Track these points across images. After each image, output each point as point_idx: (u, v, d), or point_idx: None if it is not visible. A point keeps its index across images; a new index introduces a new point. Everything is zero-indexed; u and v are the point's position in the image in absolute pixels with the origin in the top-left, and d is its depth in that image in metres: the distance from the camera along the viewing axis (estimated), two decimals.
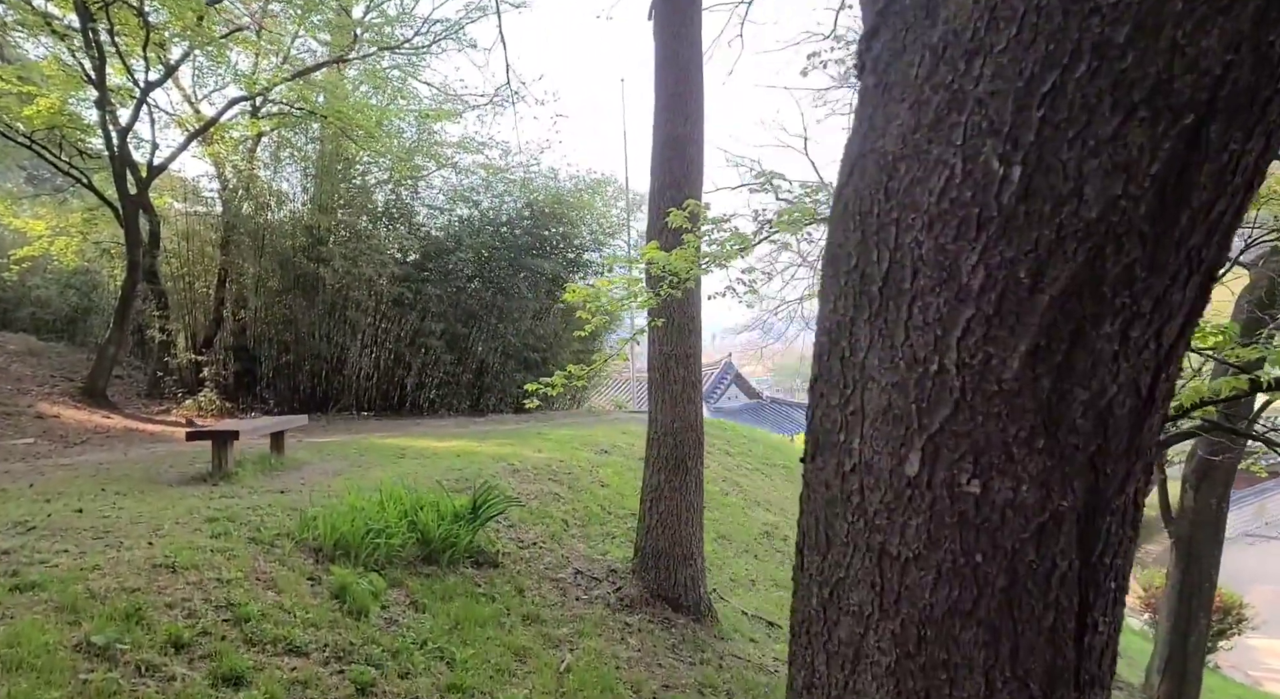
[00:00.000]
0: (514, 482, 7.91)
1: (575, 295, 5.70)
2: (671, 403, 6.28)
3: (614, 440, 11.00)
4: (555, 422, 14.17)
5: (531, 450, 9.45)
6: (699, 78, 6.35)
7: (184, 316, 14.84)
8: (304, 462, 8.38)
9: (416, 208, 15.38)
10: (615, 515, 8.02)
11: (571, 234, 16.02)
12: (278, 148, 15.04)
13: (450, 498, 6.27)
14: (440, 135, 15.56)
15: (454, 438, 10.82)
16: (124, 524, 5.08)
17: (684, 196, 6.29)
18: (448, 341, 14.60)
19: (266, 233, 14.32)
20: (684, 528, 6.23)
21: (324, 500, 6.21)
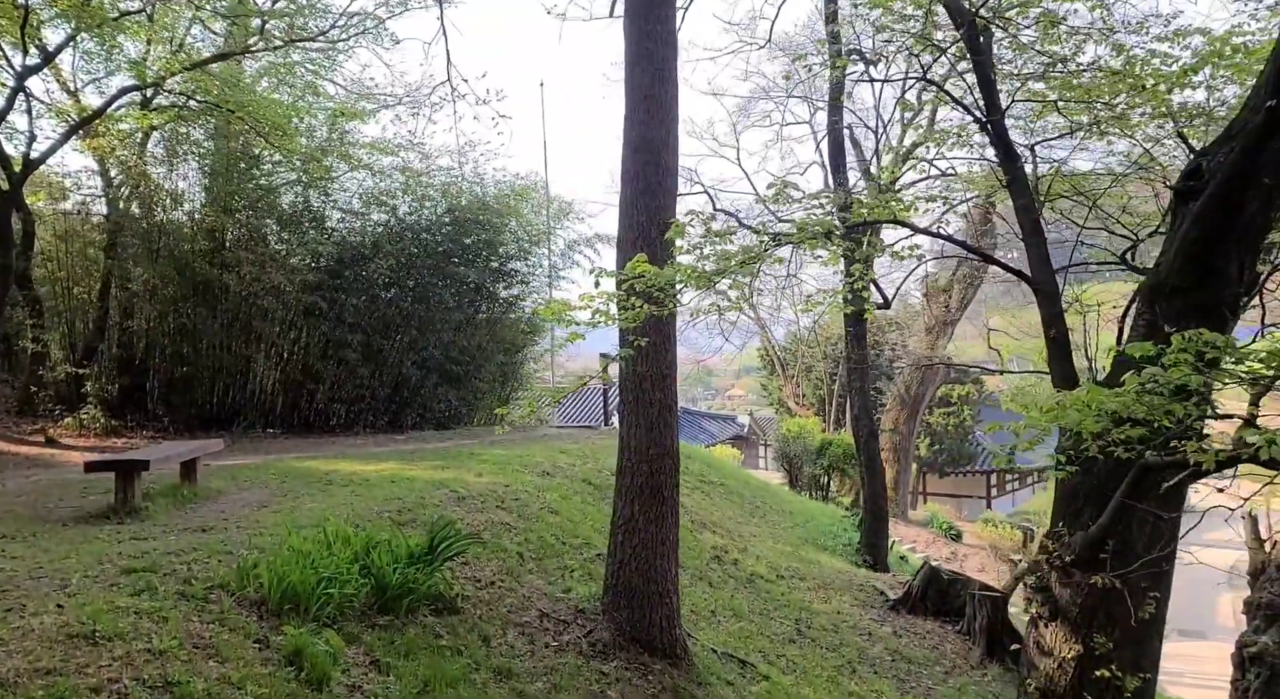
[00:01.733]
0: (460, 511, 7.33)
1: (550, 312, 5.23)
2: (646, 427, 5.88)
3: (554, 461, 10.50)
4: (482, 439, 13.50)
5: (471, 475, 8.86)
6: (674, 78, 6.00)
7: (61, 325, 13.40)
8: (220, 491, 7.53)
9: (329, 212, 14.40)
10: (570, 547, 7.54)
11: (495, 242, 15.38)
12: (172, 143, 13.80)
13: (402, 535, 5.67)
14: (353, 135, 14.67)
15: (381, 460, 10.07)
16: (22, 580, 4.29)
17: (659, 204, 5.94)
18: (364, 354, 13.72)
19: (160, 235, 13.09)
20: (659, 562, 5.83)
21: (256, 540, 5.51)
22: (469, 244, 15.08)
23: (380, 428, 14.11)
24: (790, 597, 8.79)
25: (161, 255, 12.96)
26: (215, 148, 13.62)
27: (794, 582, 9.38)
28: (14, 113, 11.24)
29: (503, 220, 15.33)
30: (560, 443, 12.80)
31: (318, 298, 13.03)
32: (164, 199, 13.61)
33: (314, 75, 12.94)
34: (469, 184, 15.10)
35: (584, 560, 7.35)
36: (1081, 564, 3.85)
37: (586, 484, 9.86)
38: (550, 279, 16.35)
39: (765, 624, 7.83)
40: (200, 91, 11.33)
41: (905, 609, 8.88)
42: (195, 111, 12.65)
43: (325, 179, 13.57)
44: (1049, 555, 4.01)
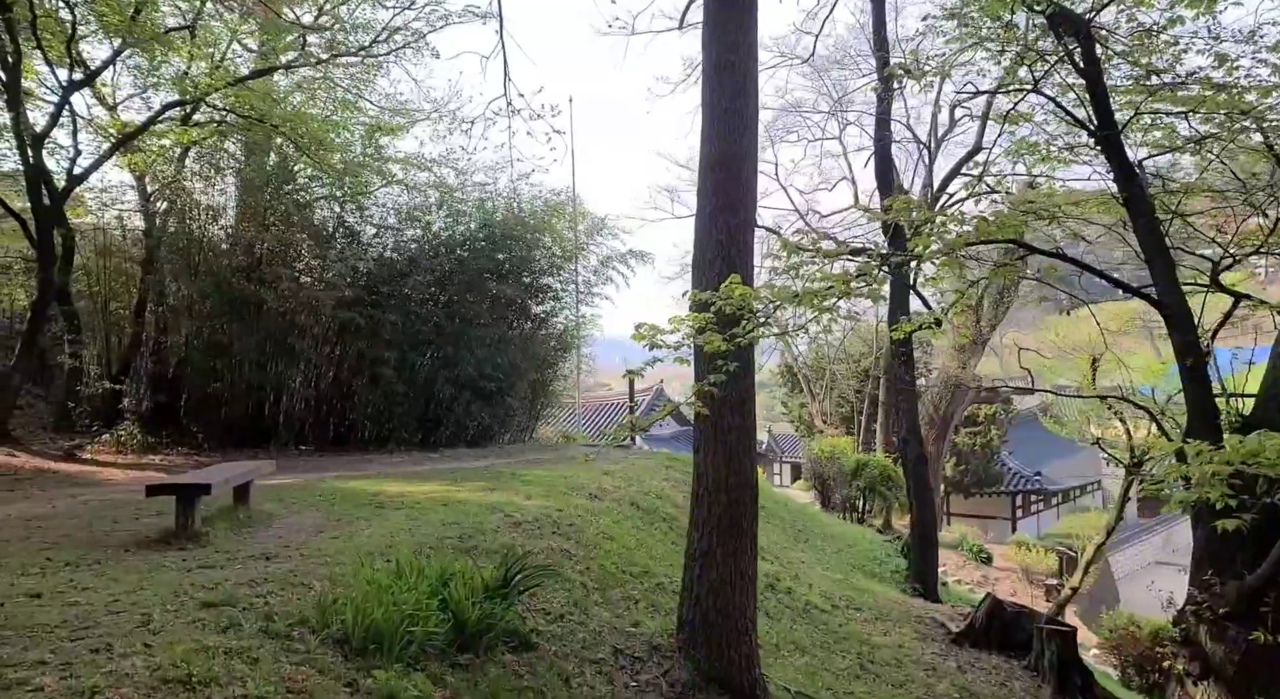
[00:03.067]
0: (519, 537, 7.14)
1: (640, 336, 5.06)
2: (725, 456, 5.68)
3: (599, 483, 10.29)
4: (518, 458, 13.33)
5: (521, 497, 8.67)
6: (755, 91, 5.85)
7: (98, 341, 13.33)
8: (272, 514, 7.37)
9: (365, 227, 14.33)
10: (631, 576, 7.33)
11: (529, 257, 15.27)
12: (209, 158, 13.77)
13: (474, 566, 5.49)
14: (388, 150, 14.62)
15: (424, 480, 9.91)
16: (101, 615, 4.13)
17: (739, 222, 5.78)
18: (399, 371, 13.59)
19: (197, 251, 13.03)
20: (737, 598, 5.62)
21: (324, 570, 5.34)
22: (502, 260, 14.98)
23: (414, 445, 13.94)
24: (849, 628, 8.54)
25: (199, 271, 12.90)
26: (251, 163, 13.58)
27: (850, 612, 9.13)
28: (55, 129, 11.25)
29: (536, 236, 15.23)
30: (599, 464, 12.60)
31: (355, 314, 12.91)
32: (201, 214, 13.57)
33: (354, 90, 12.87)
34: (504, 199, 15.01)
35: (646, 591, 7.15)
36: (1237, 617, 3.60)
37: (635, 508, 9.67)
38: (583, 295, 16.23)
39: (828, 658, 7.60)
40: (242, 106, 11.27)
41: (968, 643, 8.61)
42: (233, 126, 12.61)
43: (362, 194, 13.49)
44: (1198, 606, 3.76)
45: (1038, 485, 30.43)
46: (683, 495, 11.62)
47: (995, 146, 12.48)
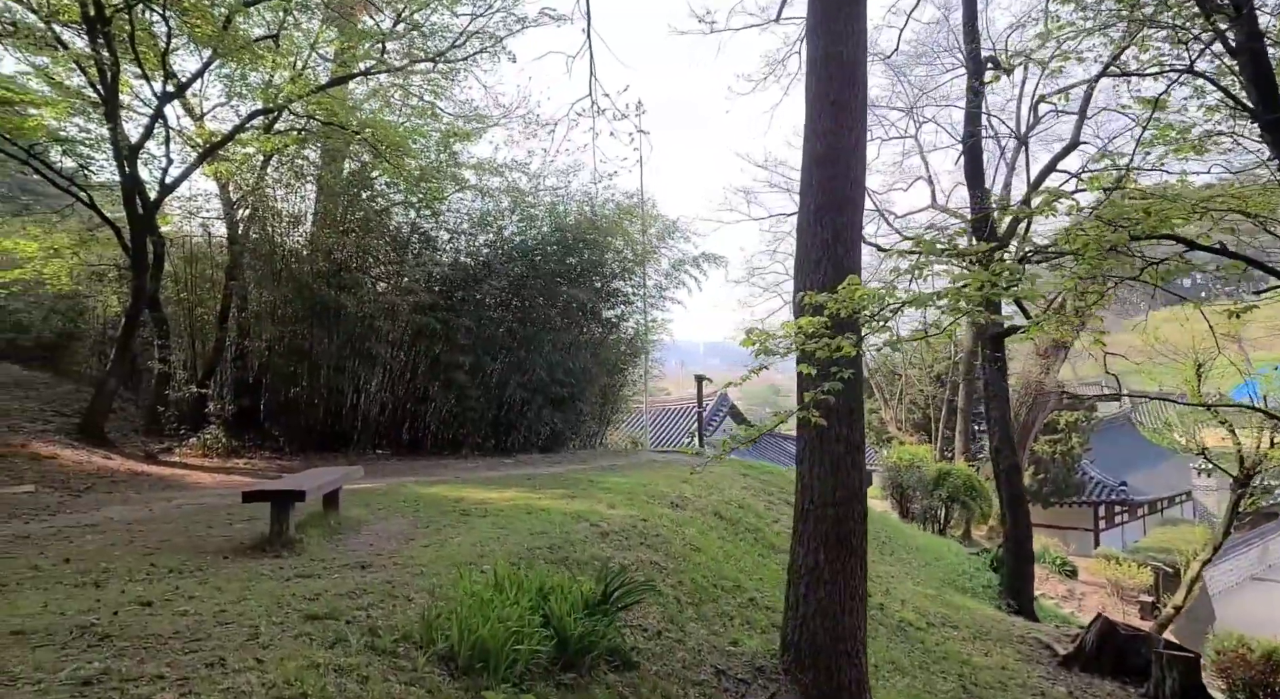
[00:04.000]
0: (607, 548, 6.96)
1: (750, 341, 4.82)
2: (832, 468, 5.40)
3: (679, 491, 10.08)
4: (591, 464, 13.21)
5: (603, 506, 8.51)
6: (864, 82, 5.57)
7: (184, 346, 13.67)
8: (361, 520, 7.34)
9: (439, 233, 14.41)
10: (722, 590, 7.09)
11: (600, 261, 15.15)
12: (290, 166, 14.01)
13: (571, 577, 5.32)
14: (461, 156, 14.67)
15: (503, 487, 9.84)
16: (210, 626, 4.06)
17: (847, 221, 5.50)
18: (473, 375, 13.60)
19: (280, 257, 13.25)
20: (847, 619, 5.33)
21: (421, 581, 5.24)
22: (573, 264, 14.90)
23: (487, 450, 13.94)
24: (947, 648, 8.14)
25: (281, 277, 13.11)
26: (329, 170, 13.76)
27: (946, 630, 8.72)
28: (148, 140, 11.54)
29: (608, 239, 15.12)
30: (673, 470, 12.40)
31: (431, 319, 12.97)
32: (282, 221, 13.82)
33: (431, 95, 12.93)
34: (577, 203, 14.93)
35: (738, 606, 6.90)
36: None
37: (719, 518, 9.42)
38: (653, 299, 16.05)
39: (929, 680, 7.23)
40: (324, 113, 11.38)
41: (1078, 666, 8.12)
42: (313, 134, 12.78)
43: (437, 199, 13.55)
44: None
45: (1122, 496, 29.08)
46: (764, 504, 11.34)
47: (1094, 139, 11.90)
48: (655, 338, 16.69)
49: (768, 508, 11.06)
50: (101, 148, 11.73)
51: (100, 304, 15.28)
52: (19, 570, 4.87)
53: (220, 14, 9.48)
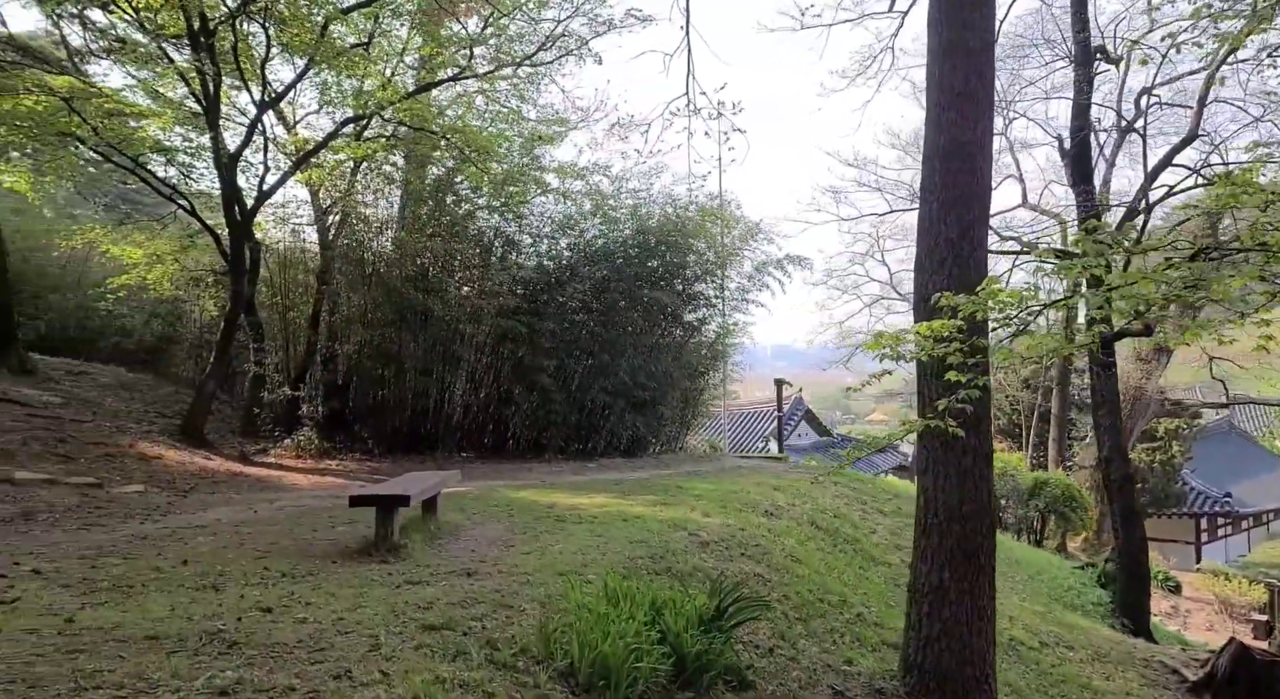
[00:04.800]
0: (709, 559, 6.78)
1: (875, 345, 4.57)
2: (957, 479, 5.10)
3: (771, 499, 9.83)
4: (675, 470, 13.04)
5: (698, 514, 8.32)
6: (991, 72, 5.25)
7: (277, 349, 14.02)
8: (458, 525, 7.32)
9: (522, 237, 14.45)
10: (828, 605, 6.81)
11: (682, 264, 14.97)
12: (378, 172, 14.24)
13: (687, 594, 5.14)
14: (543, 160, 14.68)
15: (591, 492, 9.75)
16: (331, 635, 4.02)
17: (973, 217, 5.19)
18: (557, 379, 13.57)
19: (370, 261, 13.47)
20: (975, 641, 5.02)
21: (527, 591, 5.14)
22: (654, 267, 14.75)
23: (570, 454, 13.89)
24: (1064, 670, 7.68)
25: (370, 281, 13.32)
26: (415, 175, 13.92)
27: (1061, 651, 8.24)
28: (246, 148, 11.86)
29: (690, 242, 14.93)
30: (760, 476, 12.14)
31: (515, 322, 12.98)
32: (370, 226, 14.05)
33: (517, 99, 12.97)
34: (659, 205, 14.79)
35: (846, 622, 6.62)
36: None
37: (815, 528, 9.13)
38: (736, 302, 15.79)
39: None
40: (413, 119, 11.50)
41: (1209, 694, 7.57)
42: (401, 140, 12.94)
43: (521, 203, 13.59)
44: None
45: (1227, 507, 27.46)
46: (858, 513, 10.99)
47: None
48: (736, 341, 16.44)
49: (862, 517, 10.71)
50: (201, 156, 12.12)
51: (197, 308, 15.83)
52: (142, 572, 4.94)
53: (317, 22, 9.64)
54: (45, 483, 7.98)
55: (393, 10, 10.82)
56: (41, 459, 9.03)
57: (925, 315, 5.17)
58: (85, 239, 13.78)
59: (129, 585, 4.63)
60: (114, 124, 10.81)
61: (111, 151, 11.11)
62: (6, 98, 9.41)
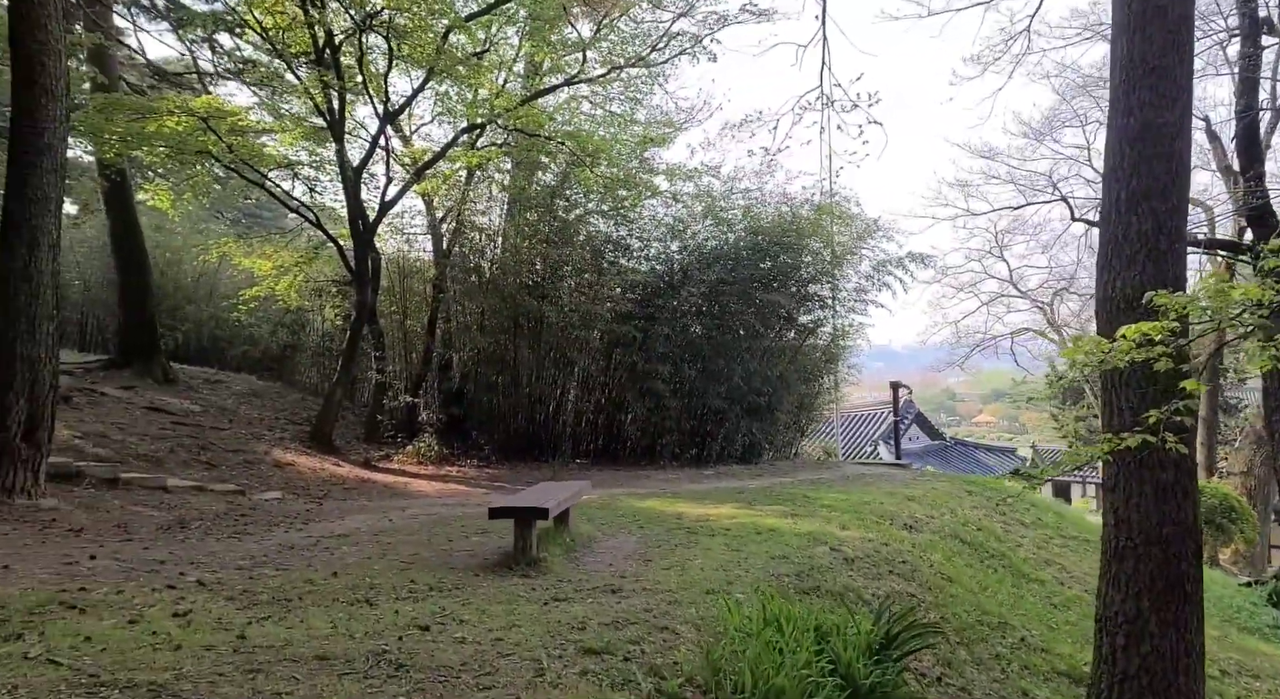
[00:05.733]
0: (857, 577, 6.39)
1: (1075, 351, 4.12)
2: (1156, 497, 4.57)
3: (907, 510, 9.32)
4: (795, 477, 12.62)
5: (835, 527, 7.91)
6: (1190, 44, 4.72)
7: (397, 357, 14.32)
8: (591, 537, 7.17)
9: (633, 241, 14.32)
10: (988, 626, 6.33)
11: (797, 264, 14.53)
12: (491, 181, 14.39)
13: (852, 618, 4.80)
14: (652, 163, 14.51)
15: (716, 501, 9.46)
16: (493, 657, 3.87)
17: (1170, 208, 4.66)
18: (669, 384, 13.35)
19: (485, 269, 13.61)
20: (1182, 679, 4.49)
21: (678, 611, 4.89)
22: (767, 269, 14.35)
23: (685, 460, 13.64)
24: None
25: (485, 289, 13.44)
26: (525, 181, 13.97)
27: (1246, 680, 7.46)
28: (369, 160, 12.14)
29: (805, 242, 14.47)
30: (888, 485, 11.58)
31: (629, 327, 12.84)
32: (483, 234, 14.20)
33: (631, 101, 12.85)
34: (773, 205, 14.40)
35: (1011, 648, 6.12)
36: None
37: (960, 542, 8.58)
38: (853, 302, 15.21)
39: None
40: (529, 124, 11.51)
41: None
42: (512, 147, 13.01)
43: (634, 206, 13.47)
44: None
45: None
46: (1000, 525, 10.34)
47: None
48: (851, 343, 15.86)
49: (1005, 529, 10.05)
50: (326, 170, 12.49)
51: (320, 317, 16.39)
52: (296, 584, 4.95)
53: (438, 31, 9.74)
54: (194, 490, 8.28)
55: (507, 17, 10.85)
56: (188, 466, 9.41)
57: (1113, 315, 4.69)
58: (220, 252, 14.43)
59: (287, 598, 4.63)
60: (245, 141, 11.23)
61: (243, 167, 11.56)
62: (151, 120, 9.88)
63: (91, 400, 10.44)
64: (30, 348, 6.31)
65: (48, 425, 6.50)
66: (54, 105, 6.59)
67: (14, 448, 6.18)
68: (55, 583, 4.33)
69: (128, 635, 3.61)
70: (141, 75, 15.34)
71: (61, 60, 6.65)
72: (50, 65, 6.51)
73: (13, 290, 6.33)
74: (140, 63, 15.21)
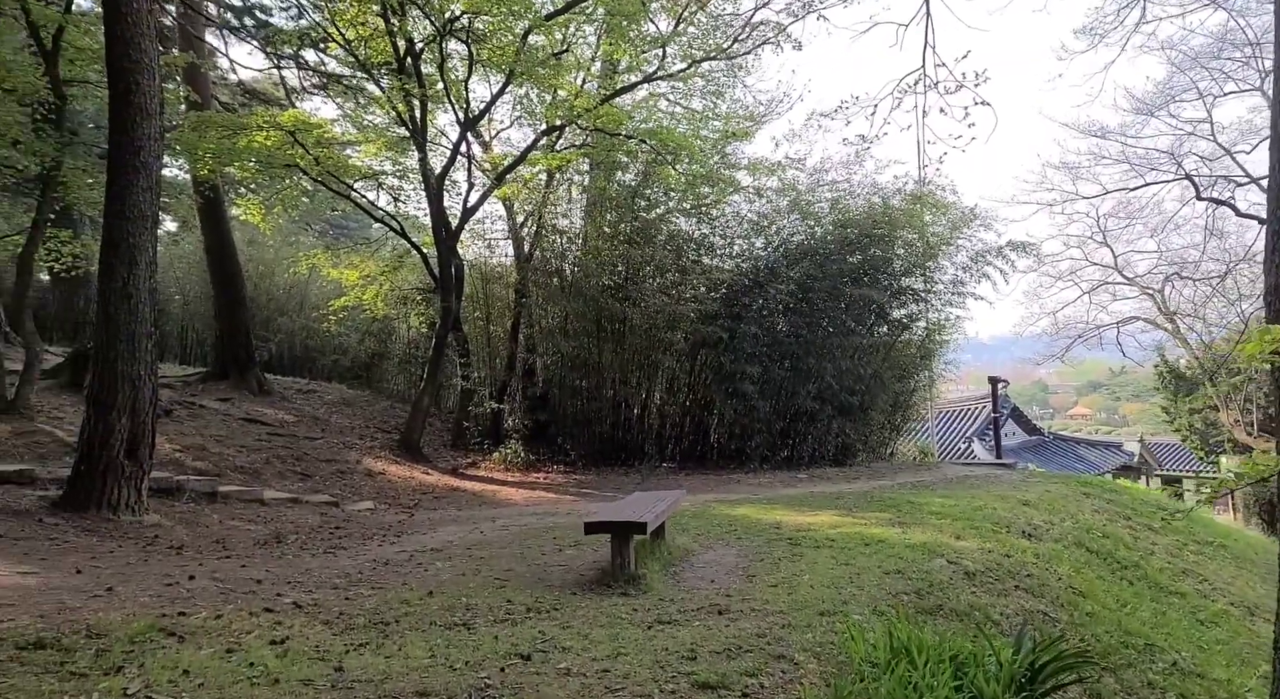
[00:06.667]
0: (980, 593, 5.88)
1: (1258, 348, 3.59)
2: None
3: (1024, 516, 8.70)
4: (893, 480, 12.04)
5: (949, 537, 7.38)
6: None
7: (480, 363, 14.30)
8: (687, 550, 6.85)
9: (716, 238, 13.94)
10: (1133, 649, 5.73)
11: (889, 257, 13.89)
12: (570, 183, 14.23)
13: (989, 645, 4.34)
14: (732, 158, 14.08)
15: (811, 507, 9.03)
16: (599, 690, 3.59)
17: None
18: (758, 385, 12.91)
19: (568, 272, 13.45)
20: None
21: (794, 636, 4.52)
22: (857, 263, 13.75)
23: (775, 463, 13.16)
24: None
25: (568, 292, 13.28)
26: (604, 182, 13.74)
27: None
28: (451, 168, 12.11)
29: (897, 233, 13.82)
30: (996, 488, 10.90)
31: (715, 327, 12.46)
32: (563, 237, 14.04)
33: (713, 95, 12.48)
34: (863, 197, 13.81)
35: (1163, 673, 5.51)
36: None
37: (1086, 551, 7.91)
38: (950, 295, 14.45)
39: None
40: (610, 123, 11.27)
41: None
42: (593, 147, 12.80)
43: (718, 202, 13.10)
44: None
45: None
46: (1127, 532, 9.57)
47: None
48: (948, 337, 15.08)
49: (1133, 535, 9.28)
50: (409, 179, 12.54)
51: (404, 325, 16.55)
52: (392, 605, 4.78)
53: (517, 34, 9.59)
54: (289, 502, 8.31)
55: (585, 15, 10.63)
56: (284, 477, 9.50)
57: None
58: (309, 264, 14.70)
59: (384, 622, 4.46)
60: (330, 153, 11.34)
61: (329, 179, 11.68)
62: (242, 136, 10.05)
63: (191, 413, 10.69)
64: (131, 366, 6.38)
65: (149, 441, 6.56)
66: (149, 123, 6.65)
67: (118, 465, 6.25)
68: (156, 607, 4.26)
69: (225, 668, 3.46)
70: (232, 94, 15.81)
71: (155, 78, 6.72)
72: (144, 84, 6.57)
73: (113, 309, 6.41)
74: (231, 82, 15.67)
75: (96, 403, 6.34)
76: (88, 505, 6.20)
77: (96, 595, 4.45)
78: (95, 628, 3.70)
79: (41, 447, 8.02)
